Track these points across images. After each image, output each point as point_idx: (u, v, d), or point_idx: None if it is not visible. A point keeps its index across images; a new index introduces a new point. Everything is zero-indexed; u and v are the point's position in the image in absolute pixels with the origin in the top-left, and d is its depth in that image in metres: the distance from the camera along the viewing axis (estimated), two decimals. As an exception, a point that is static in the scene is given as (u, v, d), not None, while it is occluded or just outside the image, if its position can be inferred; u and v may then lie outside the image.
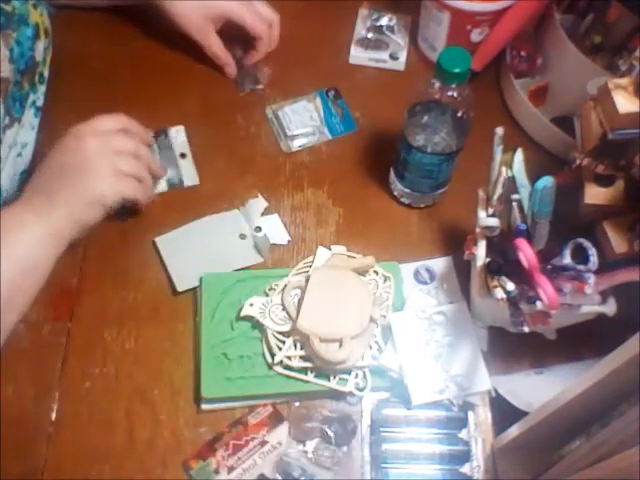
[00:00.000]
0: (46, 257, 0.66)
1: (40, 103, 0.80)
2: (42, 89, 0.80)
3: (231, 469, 0.65)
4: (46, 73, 0.81)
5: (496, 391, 0.67)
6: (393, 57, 0.92)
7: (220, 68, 0.89)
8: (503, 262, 0.63)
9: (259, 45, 0.89)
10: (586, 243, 0.59)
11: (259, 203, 0.79)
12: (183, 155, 0.83)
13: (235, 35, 0.88)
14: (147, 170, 0.74)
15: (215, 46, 0.87)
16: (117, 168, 0.70)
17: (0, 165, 0.72)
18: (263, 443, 0.66)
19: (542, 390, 0.60)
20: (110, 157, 0.69)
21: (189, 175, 0.82)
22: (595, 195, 0.61)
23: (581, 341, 0.68)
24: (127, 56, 0.91)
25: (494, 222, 0.64)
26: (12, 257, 0.63)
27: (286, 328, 0.68)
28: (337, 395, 0.68)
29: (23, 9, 0.73)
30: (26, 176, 0.78)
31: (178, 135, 0.84)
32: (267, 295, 0.71)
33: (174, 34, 0.87)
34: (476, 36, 0.86)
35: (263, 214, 0.79)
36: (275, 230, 0.78)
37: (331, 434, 0.66)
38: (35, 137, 0.80)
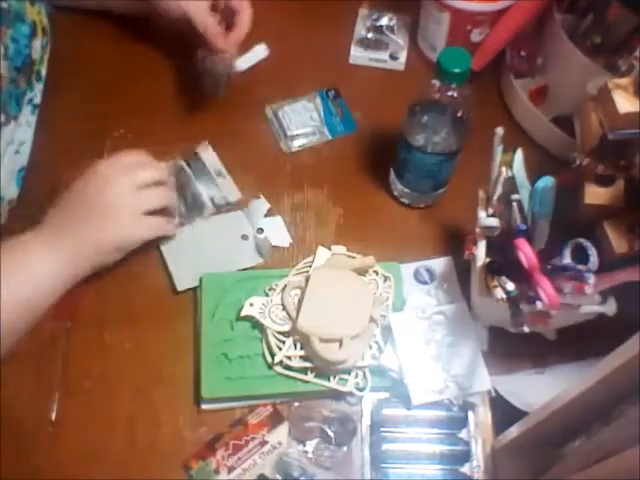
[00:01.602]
0: (49, 295, 0.65)
1: (37, 101, 0.80)
2: (39, 87, 0.80)
3: (231, 469, 0.65)
4: (43, 71, 0.80)
5: (496, 391, 0.67)
6: (393, 57, 0.92)
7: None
8: (503, 262, 0.63)
9: (242, 15, 0.81)
10: (586, 243, 0.59)
11: (262, 204, 0.79)
12: (220, 173, 0.80)
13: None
14: (173, 198, 0.74)
15: (212, 26, 0.79)
16: (141, 208, 0.69)
17: None
18: (263, 443, 0.66)
19: (542, 390, 0.60)
20: (133, 196, 0.69)
21: (231, 191, 0.79)
22: (595, 195, 0.61)
23: (581, 341, 0.68)
24: (126, 57, 0.91)
25: (494, 222, 0.64)
26: (12, 295, 0.61)
27: (286, 328, 0.68)
28: (337, 395, 0.68)
29: (19, 6, 0.73)
30: (24, 173, 0.78)
31: (209, 154, 0.80)
32: (267, 295, 0.71)
33: (168, 36, 0.87)
34: (476, 36, 0.86)
35: (266, 215, 0.79)
36: (277, 232, 0.78)
37: (331, 434, 0.66)
38: (33, 135, 0.80)
